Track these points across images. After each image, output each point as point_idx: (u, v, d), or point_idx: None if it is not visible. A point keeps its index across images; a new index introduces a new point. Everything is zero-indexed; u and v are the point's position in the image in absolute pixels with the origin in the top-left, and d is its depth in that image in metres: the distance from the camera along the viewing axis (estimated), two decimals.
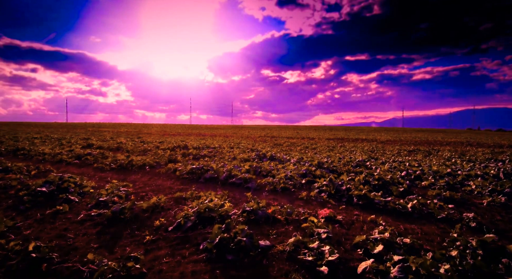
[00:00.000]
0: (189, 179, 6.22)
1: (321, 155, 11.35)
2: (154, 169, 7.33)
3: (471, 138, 36.11)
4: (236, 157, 9.09)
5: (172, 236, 3.14)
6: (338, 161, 8.66)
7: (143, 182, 5.92)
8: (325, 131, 55.42)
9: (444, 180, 6.23)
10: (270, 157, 9.20)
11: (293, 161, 8.44)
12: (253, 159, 8.89)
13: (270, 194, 5.13)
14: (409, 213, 4.13)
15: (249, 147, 14.51)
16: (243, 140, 21.65)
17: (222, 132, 40.42)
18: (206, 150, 11.58)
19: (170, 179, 6.32)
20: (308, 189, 5.53)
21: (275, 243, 2.96)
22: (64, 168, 7.56)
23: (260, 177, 6.58)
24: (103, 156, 8.96)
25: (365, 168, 7.69)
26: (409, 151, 17.39)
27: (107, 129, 46.47)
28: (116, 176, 6.58)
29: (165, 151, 10.87)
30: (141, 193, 5.03)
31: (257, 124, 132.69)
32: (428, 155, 14.80)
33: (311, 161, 8.29)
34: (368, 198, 4.50)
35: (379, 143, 24.90)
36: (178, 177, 6.40)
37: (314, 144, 20.26)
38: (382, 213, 4.20)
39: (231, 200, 4.66)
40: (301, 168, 6.83)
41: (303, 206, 4.44)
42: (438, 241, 3.22)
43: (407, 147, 20.64)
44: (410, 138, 33.69)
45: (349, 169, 7.27)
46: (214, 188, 5.49)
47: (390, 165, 8.20)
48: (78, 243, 3.08)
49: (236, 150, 12.48)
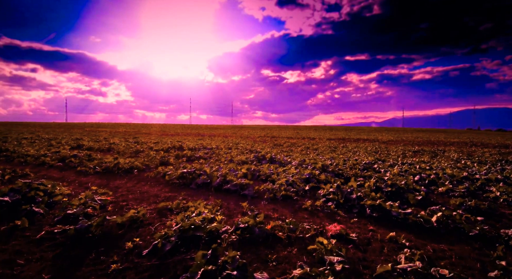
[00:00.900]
0: (179, 184, 5.58)
1: (323, 156, 10.71)
2: (143, 173, 6.68)
3: (473, 138, 35.50)
4: (233, 159, 8.45)
5: (146, 263, 2.50)
6: (343, 163, 8.01)
7: (127, 189, 5.27)
8: (326, 131, 54.77)
9: (463, 185, 5.59)
10: (270, 159, 8.55)
11: (294, 164, 7.80)
12: (251, 162, 8.24)
13: (270, 203, 4.49)
14: (434, 229, 3.49)
15: (248, 148, 13.88)
16: (242, 141, 21.01)
17: (221, 132, 39.76)
18: (202, 151, 10.93)
19: (159, 184, 5.67)
20: (312, 196, 4.89)
21: (276, 275, 2.32)
22: (45, 172, 6.91)
23: (258, 182, 5.95)
24: (89, 158, 8.32)
25: (374, 172, 7.04)
26: (414, 151, 16.75)
27: (105, 129, 45.80)
28: (99, 181, 5.94)
29: (158, 153, 10.23)
30: (122, 202, 4.38)
31: (257, 124, 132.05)
32: (434, 156, 14.16)
33: (314, 163, 7.65)
34: (383, 209, 3.86)
35: (381, 143, 24.25)
36: (167, 182, 5.75)
37: (315, 144, 19.61)
38: (402, 228, 3.56)
39: (224, 211, 4.02)
40: (303, 172, 6.19)
41: (308, 219, 3.80)
42: (479, 268, 2.58)
43: (410, 147, 20.01)
44: (412, 138, 33.05)
45: (356, 173, 6.63)
46: (206, 196, 4.85)
47: (400, 168, 7.56)
48: (27, 272, 2.44)
49: (234, 151, 11.85)
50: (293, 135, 34.17)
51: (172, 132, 34.72)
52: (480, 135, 51.93)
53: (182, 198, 4.64)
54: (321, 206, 4.23)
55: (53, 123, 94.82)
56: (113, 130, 41.44)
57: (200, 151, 11.37)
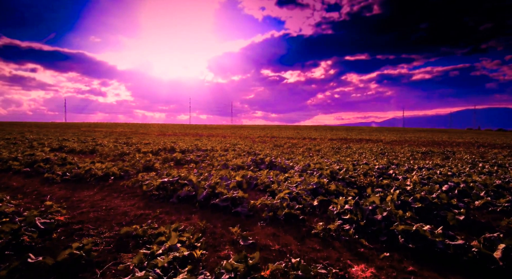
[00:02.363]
0: (159, 197, 4.55)
1: (329, 159, 9.70)
2: (119, 181, 5.66)
3: (477, 138, 34.50)
4: (227, 163, 7.43)
5: None
6: (353, 169, 7.00)
7: (92, 203, 4.25)
8: (326, 131, 53.72)
9: (505, 198, 4.58)
10: (269, 163, 7.53)
11: (297, 169, 6.78)
12: (248, 167, 7.21)
13: (269, 225, 3.48)
14: (500, 269, 2.49)
15: (246, 149, 12.87)
16: (241, 141, 19.99)
17: (220, 132, 38.66)
18: (195, 154, 9.91)
19: (134, 197, 4.66)
20: (323, 214, 3.88)
21: None
22: (6, 180, 5.89)
23: (255, 192, 4.93)
24: (63, 162, 7.29)
25: (391, 179, 6.03)
26: (422, 153, 15.74)
27: (102, 129, 44.65)
28: (63, 192, 4.92)
29: (146, 155, 9.22)
30: (76, 224, 3.37)
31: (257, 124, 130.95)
32: (445, 158, 13.16)
33: (320, 169, 6.64)
34: (422, 238, 2.85)
35: (385, 144, 23.22)
36: (144, 194, 4.73)
37: (317, 145, 18.59)
38: (452, 267, 2.55)
39: (208, 239, 3.01)
40: (309, 180, 5.18)
41: (321, 251, 2.80)
42: None
43: (416, 148, 18.97)
44: (415, 138, 32.00)
45: (371, 181, 5.62)
46: (189, 214, 3.83)
47: (420, 175, 6.54)
48: None
49: (231, 153, 10.83)
50: (294, 135, 33.15)
51: (170, 132, 33.64)
52: (482, 135, 50.94)
53: (155, 217, 3.63)
54: (336, 231, 3.22)
55: (51, 123, 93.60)
56: (109, 130, 40.33)
57: (192, 153, 10.36)
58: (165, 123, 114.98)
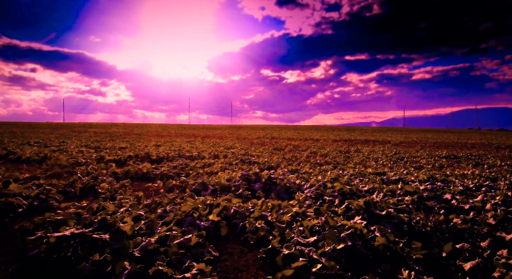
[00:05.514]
0: (46, 270, 2.38)
1: (344, 169, 7.50)
2: (14, 224, 3.47)
3: (488, 139, 32.38)
4: (208, 182, 5.20)
5: None
6: (389, 190, 4.79)
7: None
8: (327, 131, 51.49)
9: None
10: (267, 180, 5.29)
11: (308, 193, 4.58)
12: (237, 187, 4.97)
13: None
14: None
15: (241, 154, 10.69)
16: (238, 143, 17.80)
17: (218, 132, 36.34)
18: (173, 164, 7.72)
19: (15, 262, 2.47)
20: None
21: None
22: None
23: (241, 245, 2.76)
24: None
25: (456, 212, 3.84)
26: (444, 157, 13.54)
27: (96, 129, 42.23)
28: None
29: (109, 165, 7.01)
30: None
31: (256, 124, 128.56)
32: (477, 165, 10.97)
33: (342, 193, 4.44)
34: None
35: (395, 146, 20.98)
36: (26, 261, 2.55)
37: (321, 147, 16.37)
38: None
39: None
40: (333, 223, 3.00)
41: None
42: None
43: (434, 151, 16.74)
44: (423, 139, 29.82)
45: (438, 222, 3.41)
46: None
47: (485, 198, 4.34)
48: None
49: (221, 160, 8.66)
50: (294, 135, 30.97)
51: (165, 133, 31.40)
52: (487, 135, 48.86)
53: None
54: None
55: (45, 123, 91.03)
56: (102, 130, 37.97)
57: (172, 161, 8.18)
58: (163, 123, 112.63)
